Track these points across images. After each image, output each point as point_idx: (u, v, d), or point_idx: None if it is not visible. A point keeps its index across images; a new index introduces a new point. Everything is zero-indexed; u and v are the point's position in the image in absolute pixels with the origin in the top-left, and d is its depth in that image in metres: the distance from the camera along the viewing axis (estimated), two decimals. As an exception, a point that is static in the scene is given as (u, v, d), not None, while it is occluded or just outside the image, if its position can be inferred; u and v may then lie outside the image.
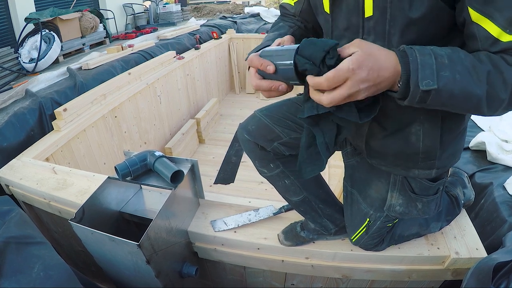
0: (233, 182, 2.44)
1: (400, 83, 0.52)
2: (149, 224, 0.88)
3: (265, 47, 0.62)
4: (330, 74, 0.49)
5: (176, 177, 1.02)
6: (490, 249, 0.99)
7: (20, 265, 0.79)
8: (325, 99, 0.51)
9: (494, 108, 0.54)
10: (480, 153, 1.43)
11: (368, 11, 0.60)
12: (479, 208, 1.21)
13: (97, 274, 1.42)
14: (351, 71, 0.48)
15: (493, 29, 0.51)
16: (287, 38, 0.60)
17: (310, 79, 0.52)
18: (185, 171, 1.05)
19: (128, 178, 1.05)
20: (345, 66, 0.48)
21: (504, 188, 1.16)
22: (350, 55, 0.50)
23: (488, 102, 0.52)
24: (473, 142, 1.45)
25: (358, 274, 1.07)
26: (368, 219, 0.91)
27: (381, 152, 0.79)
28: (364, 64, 0.48)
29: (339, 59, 0.51)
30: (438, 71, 0.50)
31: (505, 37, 0.51)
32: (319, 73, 0.51)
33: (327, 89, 0.51)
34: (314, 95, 0.53)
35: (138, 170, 1.05)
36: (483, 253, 0.98)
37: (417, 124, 0.71)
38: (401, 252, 1.01)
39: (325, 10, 0.69)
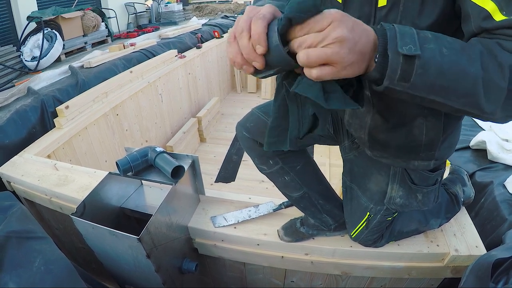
0: (234, 180, 2.45)
1: (377, 56, 0.44)
2: (149, 220, 0.89)
3: None
4: (313, 18, 0.41)
5: (177, 172, 1.02)
6: (490, 247, 0.98)
7: (20, 259, 0.80)
8: (313, 51, 0.41)
9: (493, 99, 0.46)
10: (481, 152, 1.43)
11: (382, 1, 0.60)
12: (480, 207, 1.21)
13: (98, 271, 1.43)
14: (335, 14, 0.41)
15: (488, 4, 0.48)
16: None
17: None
18: (186, 167, 1.05)
19: (129, 174, 1.05)
20: (328, 10, 0.41)
21: (505, 187, 1.17)
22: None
23: (486, 89, 0.45)
24: (473, 141, 1.45)
25: (357, 271, 1.07)
26: (368, 213, 0.91)
27: (383, 144, 0.79)
28: (347, 17, 0.42)
29: None
30: (421, 43, 0.43)
31: (498, 16, 0.48)
32: None
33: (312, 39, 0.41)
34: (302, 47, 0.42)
35: (139, 166, 1.05)
36: (482, 251, 0.98)
37: (421, 118, 0.70)
38: (400, 249, 1.01)
39: (338, 0, 0.67)
